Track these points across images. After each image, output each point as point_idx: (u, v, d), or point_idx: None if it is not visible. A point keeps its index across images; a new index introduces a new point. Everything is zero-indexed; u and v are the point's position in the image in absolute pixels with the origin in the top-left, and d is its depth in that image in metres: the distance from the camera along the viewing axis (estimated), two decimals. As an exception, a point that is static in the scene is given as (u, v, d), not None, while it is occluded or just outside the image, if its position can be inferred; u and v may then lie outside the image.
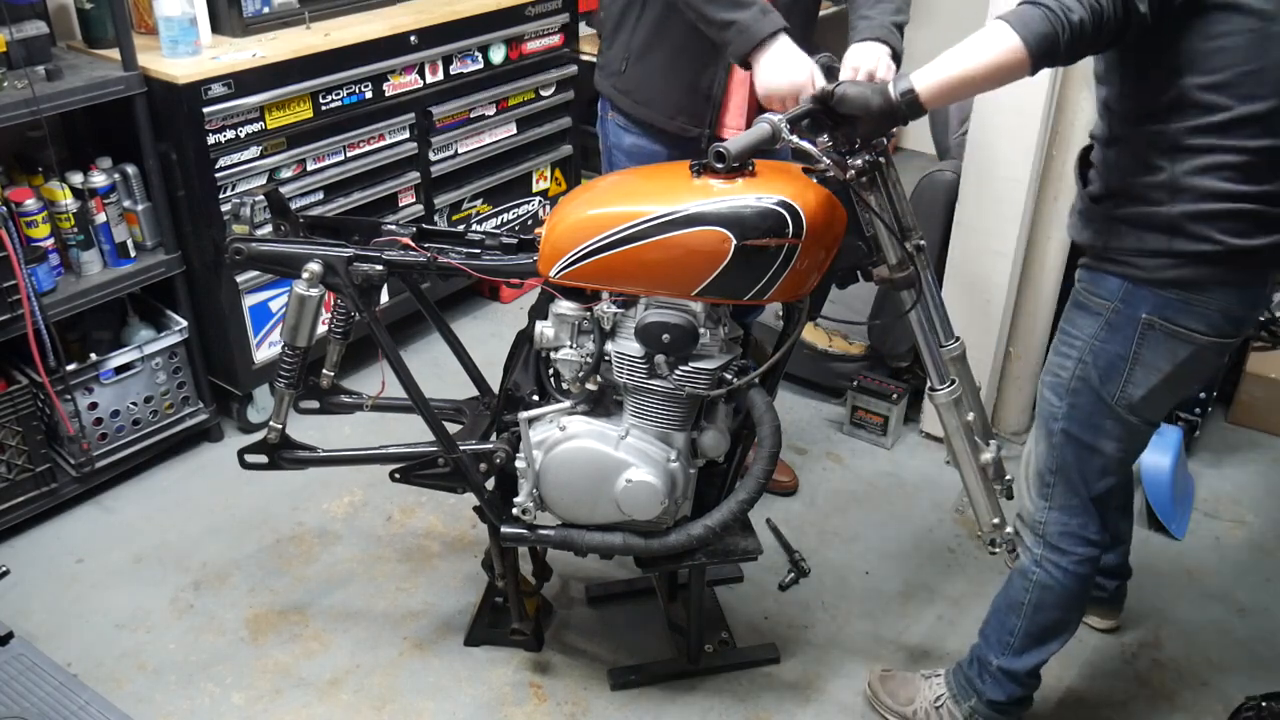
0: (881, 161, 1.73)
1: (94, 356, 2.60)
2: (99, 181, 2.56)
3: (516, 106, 3.38)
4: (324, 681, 2.22)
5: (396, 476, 2.07)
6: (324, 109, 2.83)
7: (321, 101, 2.81)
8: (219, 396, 2.95)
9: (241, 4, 2.75)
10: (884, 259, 1.79)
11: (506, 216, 3.52)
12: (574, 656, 2.29)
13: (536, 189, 3.61)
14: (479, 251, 1.98)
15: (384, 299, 3.12)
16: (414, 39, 2.97)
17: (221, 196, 2.67)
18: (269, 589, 2.46)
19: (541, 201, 3.64)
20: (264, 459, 2.10)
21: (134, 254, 2.68)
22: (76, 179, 2.54)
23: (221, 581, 2.48)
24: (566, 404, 1.93)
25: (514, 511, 2.01)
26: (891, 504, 2.77)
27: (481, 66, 3.22)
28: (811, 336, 3.09)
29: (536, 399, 1.98)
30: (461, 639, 2.31)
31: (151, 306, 2.80)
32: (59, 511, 2.67)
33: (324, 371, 2.20)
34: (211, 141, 2.60)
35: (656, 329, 1.77)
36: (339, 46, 2.79)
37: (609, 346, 1.84)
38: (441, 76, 3.11)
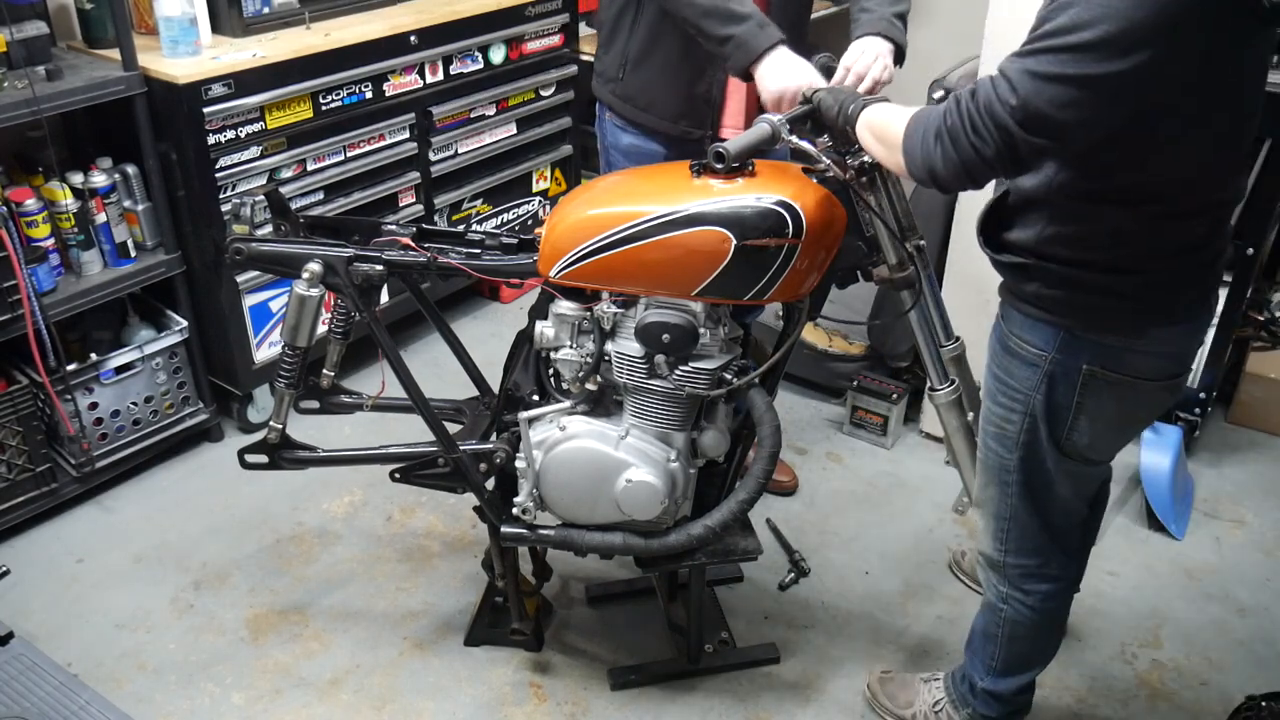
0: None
1: (94, 356, 2.60)
2: (99, 181, 2.56)
3: (516, 106, 3.38)
4: (324, 681, 2.22)
5: (396, 476, 2.07)
6: (324, 109, 2.83)
7: (322, 101, 2.81)
8: (219, 396, 2.95)
9: (241, 4, 2.75)
10: (884, 259, 1.79)
11: (506, 216, 3.52)
12: (574, 656, 2.29)
13: (536, 189, 3.61)
14: (479, 251, 1.98)
15: (384, 299, 3.12)
16: (414, 39, 2.97)
17: (222, 196, 2.67)
18: (269, 589, 2.46)
19: (541, 201, 3.64)
20: (264, 459, 2.10)
21: (134, 254, 2.68)
22: (77, 179, 2.54)
23: (221, 581, 2.48)
24: (566, 404, 1.93)
25: (514, 511, 2.01)
26: (891, 504, 2.77)
27: (481, 66, 3.22)
28: (811, 336, 3.09)
29: (536, 399, 1.98)
30: (461, 639, 2.31)
31: (152, 306, 2.80)
32: (59, 511, 2.67)
33: (324, 371, 2.20)
34: (211, 141, 2.60)
35: (656, 329, 1.77)
36: (339, 46, 2.79)
37: (609, 346, 1.84)
38: (441, 76, 3.11)
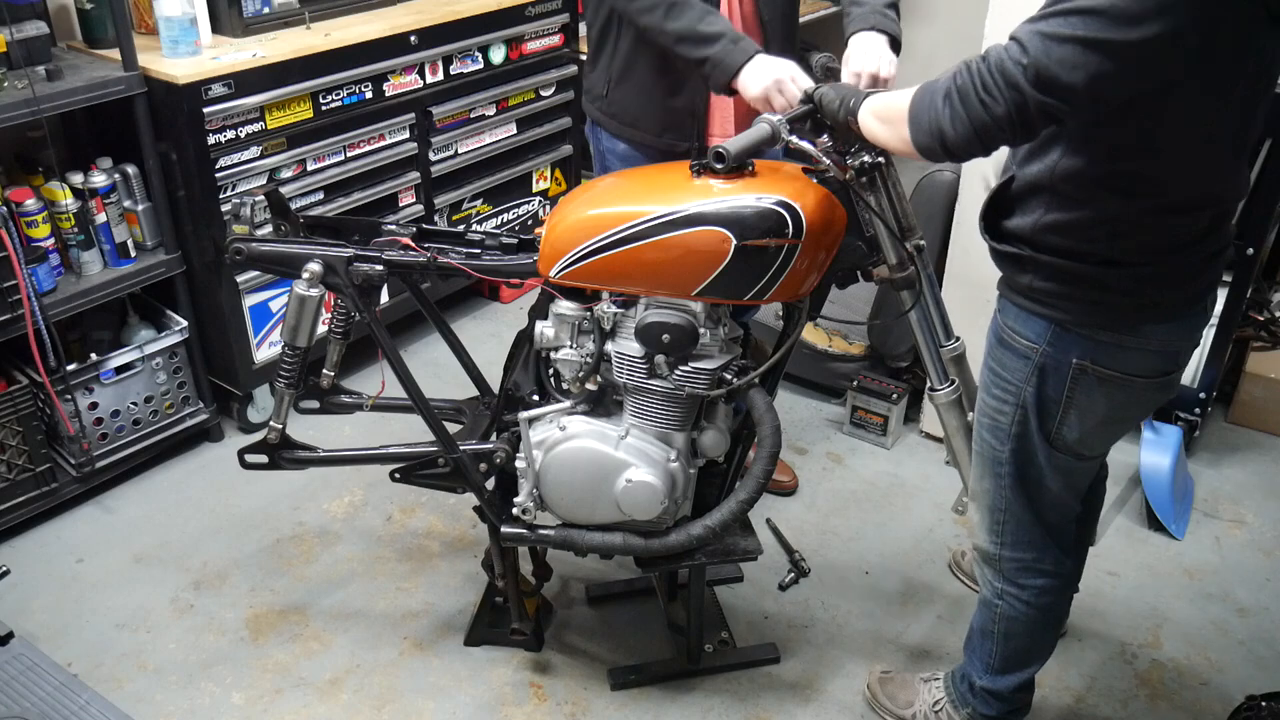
0: (881, 161, 1.74)
1: (94, 356, 2.60)
2: (99, 181, 2.56)
3: (516, 106, 3.38)
4: (324, 681, 2.22)
5: (396, 476, 2.07)
6: (324, 109, 2.83)
7: (322, 101, 2.81)
8: (219, 396, 2.95)
9: (241, 4, 2.75)
10: (884, 259, 1.79)
11: (506, 216, 3.52)
12: (574, 656, 2.29)
13: (536, 189, 3.61)
14: (479, 251, 1.98)
15: (384, 299, 3.13)
16: (414, 39, 2.97)
17: (221, 196, 2.67)
18: (269, 589, 2.46)
19: (541, 201, 3.64)
20: (264, 459, 2.10)
21: (134, 254, 2.68)
22: (77, 179, 2.54)
23: (221, 581, 2.48)
24: (566, 404, 1.93)
25: (514, 511, 2.01)
26: (891, 504, 2.77)
27: (481, 66, 3.22)
28: (811, 336, 3.08)
29: (536, 399, 1.98)
30: (461, 639, 2.31)
31: (152, 306, 2.80)
32: (59, 511, 2.67)
33: (324, 371, 2.20)
34: (211, 141, 2.60)
35: (656, 329, 1.77)
36: (339, 46, 2.79)
37: (609, 346, 1.85)
38: (441, 76, 3.11)
